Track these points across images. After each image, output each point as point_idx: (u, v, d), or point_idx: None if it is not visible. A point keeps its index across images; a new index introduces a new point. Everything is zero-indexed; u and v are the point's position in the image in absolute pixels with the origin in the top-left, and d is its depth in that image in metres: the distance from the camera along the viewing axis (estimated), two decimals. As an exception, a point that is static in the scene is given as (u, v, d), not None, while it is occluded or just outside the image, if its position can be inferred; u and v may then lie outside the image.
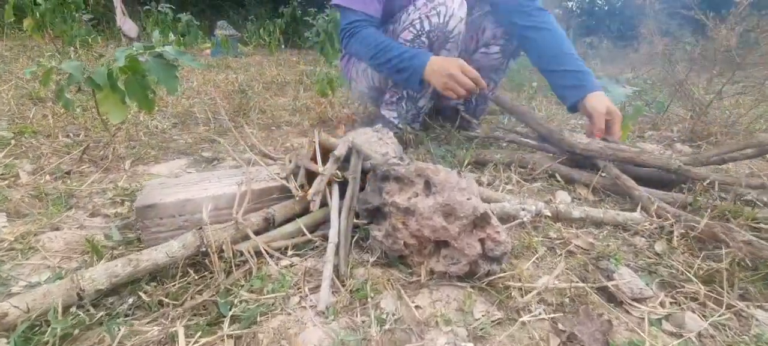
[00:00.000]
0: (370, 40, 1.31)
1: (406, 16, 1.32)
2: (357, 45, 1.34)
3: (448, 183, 0.67)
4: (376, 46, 1.29)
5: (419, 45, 1.30)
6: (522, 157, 1.27)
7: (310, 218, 0.81)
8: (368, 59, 1.33)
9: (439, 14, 1.26)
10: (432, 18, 1.27)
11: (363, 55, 1.36)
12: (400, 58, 1.26)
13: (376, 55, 1.30)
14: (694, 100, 1.99)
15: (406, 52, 1.27)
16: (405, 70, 1.27)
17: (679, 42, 3.73)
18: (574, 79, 1.27)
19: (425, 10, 1.28)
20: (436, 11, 1.26)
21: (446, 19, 1.27)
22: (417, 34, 1.29)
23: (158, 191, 0.78)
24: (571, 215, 0.94)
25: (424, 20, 1.27)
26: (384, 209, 0.72)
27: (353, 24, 1.34)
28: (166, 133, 1.70)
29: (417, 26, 1.29)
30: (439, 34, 1.29)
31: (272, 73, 3.26)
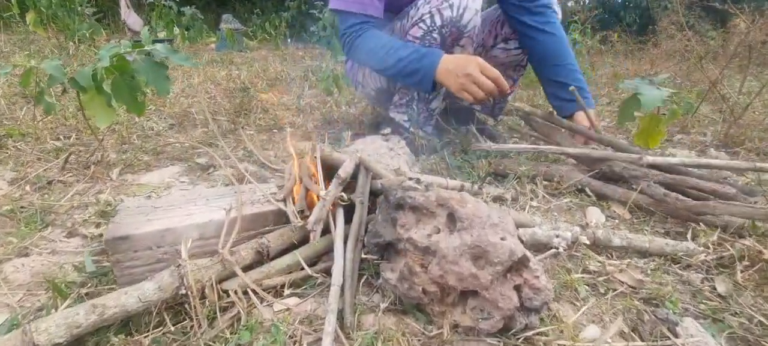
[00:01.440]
0: (373, 44, 1.18)
1: (415, 11, 1.19)
2: (359, 52, 1.21)
3: (478, 218, 0.55)
4: (381, 49, 1.17)
5: (430, 42, 1.17)
6: (547, 169, 1.14)
7: (310, 248, 0.69)
8: (374, 65, 1.22)
9: (451, 7, 1.13)
10: (444, 11, 1.13)
11: (368, 62, 1.24)
12: (408, 60, 1.14)
13: (382, 60, 1.17)
14: (726, 101, 1.84)
15: (415, 53, 1.14)
16: (415, 74, 1.14)
17: (703, 37, 3.55)
18: (569, 93, 1.26)
19: (436, 2, 1.14)
20: (448, 4, 1.13)
21: (460, 13, 1.13)
22: (427, 30, 1.16)
23: (133, 219, 0.67)
24: (611, 242, 0.82)
25: (436, 14, 1.14)
26: (398, 246, 0.60)
27: (353, 28, 1.21)
28: (162, 136, 1.59)
29: (427, 21, 1.15)
30: (452, 29, 1.16)
31: (277, 69, 3.14)
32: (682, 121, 1.98)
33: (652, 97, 1.25)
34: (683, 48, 3.21)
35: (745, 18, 2.10)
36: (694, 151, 1.61)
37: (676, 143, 1.73)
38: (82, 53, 3.16)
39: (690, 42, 3.04)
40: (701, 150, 1.62)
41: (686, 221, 0.95)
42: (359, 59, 1.26)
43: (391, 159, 0.95)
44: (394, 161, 0.95)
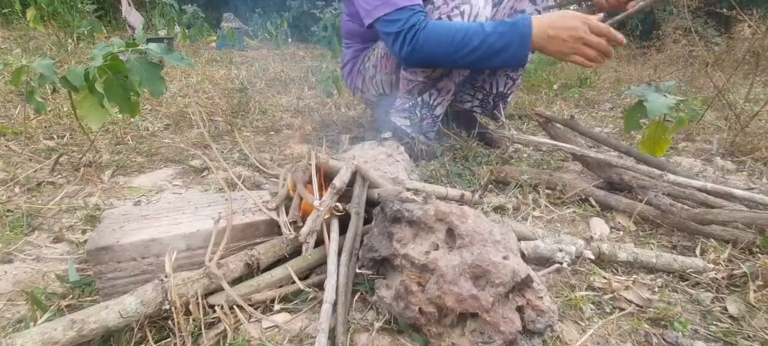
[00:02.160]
0: (442, 33, 1.01)
1: None
2: (427, 47, 1.03)
3: (479, 234, 0.52)
4: (456, 35, 1.00)
5: None
6: (550, 177, 1.11)
7: (302, 260, 0.66)
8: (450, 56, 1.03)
9: (462, 14, 1.09)
10: (454, 18, 1.10)
11: (442, 56, 1.04)
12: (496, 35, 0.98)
13: (461, 45, 1.00)
14: (733, 109, 1.81)
15: (500, 25, 0.98)
16: (505, 50, 0.98)
17: (707, 42, 3.51)
18: None
19: (446, 9, 1.10)
20: (458, 11, 1.09)
21: (471, 20, 1.10)
22: None
23: (118, 228, 0.64)
24: (616, 256, 0.78)
25: (446, 21, 1.10)
26: (394, 261, 0.57)
27: (407, 24, 1.03)
28: (157, 137, 1.56)
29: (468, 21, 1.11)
30: None
31: (276, 69, 3.11)
32: (687, 128, 1.95)
33: (659, 104, 1.22)
34: (687, 53, 3.17)
35: (752, 23, 2.07)
36: (700, 159, 1.58)
37: (681, 151, 1.70)
38: (81, 51, 3.13)
39: (695, 47, 3.01)
40: (707, 159, 1.58)
41: (693, 233, 0.92)
42: (429, 56, 1.05)
43: (390, 166, 0.92)
44: (392, 168, 0.92)
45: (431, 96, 1.26)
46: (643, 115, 1.24)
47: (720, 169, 1.48)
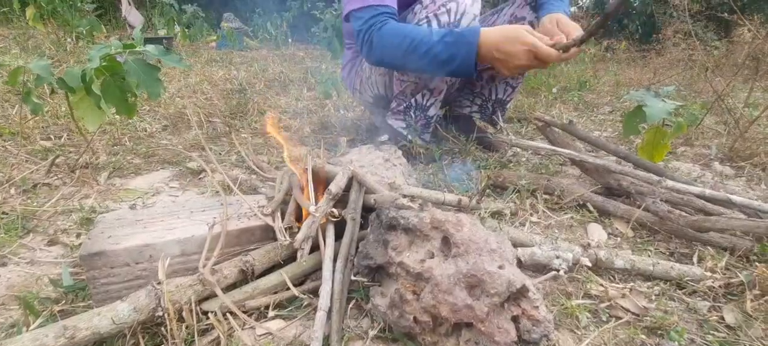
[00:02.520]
0: (395, 36, 1.03)
1: (412, 16, 1.15)
2: (379, 48, 1.06)
3: (474, 243, 0.51)
4: (405, 41, 1.02)
5: None
6: (548, 182, 1.11)
7: (297, 266, 0.66)
8: (399, 61, 1.07)
9: (448, 12, 1.09)
10: (441, 17, 1.09)
11: (391, 58, 1.08)
12: (442, 45, 1.00)
13: (408, 52, 1.02)
14: (732, 114, 1.80)
15: (448, 36, 1.00)
16: (451, 61, 1.01)
17: (707, 46, 3.51)
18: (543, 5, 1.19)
19: (433, 7, 1.10)
20: (445, 9, 1.08)
21: (458, 17, 1.09)
22: None
23: (111, 233, 0.64)
24: (613, 264, 0.78)
25: (433, 19, 1.10)
26: (389, 269, 0.57)
27: (369, 22, 1.06)
28: (154, 138, 1.56)
29: (424, 26, 1.12)
30: None
31: (276, 70, 3.11)
32: (686, 133, 1.94)
33: (658, 109, 1.22)
34: (687, 57, 3.17)
35: (752, 27, 2.07)
36: (699, 164, 1.58)
37: (679, 156, 1.69)
38: (80, 50, 3.12)
39: (695, 52, 3.01)
40: (705, 164, 1.58)
41: (691, 240, 0.91)
42: (380, 57, 1.09)
43: (387, 170, 0.91)
44: (389, 173, 0.91)
45: (424, 97, 1.26)
46: (642, 120, 1.24)
47: (718, 174, 1.47)
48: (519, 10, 1.27)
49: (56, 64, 2.68)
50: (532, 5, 1.25)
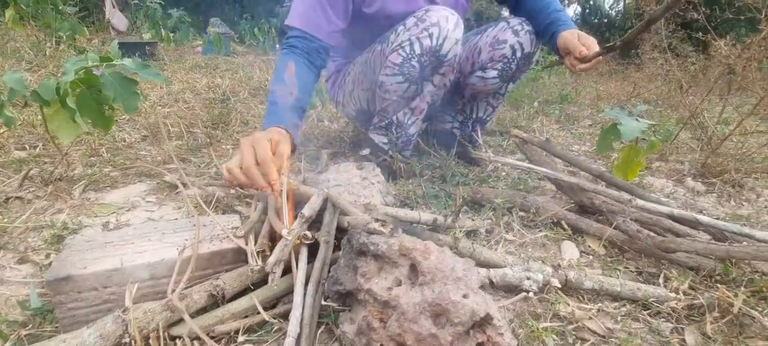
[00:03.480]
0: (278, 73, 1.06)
1: (395, 37, 1.17)
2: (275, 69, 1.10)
3: (440, 271, 0.52)
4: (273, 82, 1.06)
5: (409, 69, 1.15)
6: (524, 199, 1.13)
7: (268, 290, 0.66)
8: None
9: (431, 36, 1.11)
10: (423, 40, 1.11)
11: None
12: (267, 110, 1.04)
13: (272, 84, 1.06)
14: (705, 130, 1.86)
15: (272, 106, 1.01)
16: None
17: (685, 60, 3.62)
18: (550, 25, 1.24)
19: (416, 30, 1.12)
20: (427, 33, 1.11)
21: (440, 42, 1.12)
22: (407, 58, 1.14)
23: (80, 256, 0.63)
24: (582, 284, 0.80)
25: (415, 43, 1.12)
26: (358, 295, 0.57)
27: (287, 41, 1.12)
28: (133, 149, 1.54)
29: (407, 49, 1.13)
30: (432, 58, 1.14)
31: (262, 78, 3.10)
32: (661, 148, 2.00)
33: (631, 128, 1.25)
34: (664, 72, 3.26)
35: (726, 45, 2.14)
36: (672, 180, 1.62)
37: (654, 171, 1.74)
38: (60, 54, 3.07)
39: (671, 68, 3.10)
40: (678, 179, 1.63)
41: (659, 259, 0.94)
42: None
43: (364, 189, 0.92)
44: (366, 191, 0.92)
45: (405, 115, 1.27)
46: (616, 137, 1.27)
47: (691, 190, 1.52)
48: (501, 33, 1.29)
49: (35, 69, 2.63)
50: (518, 30, 1.28)
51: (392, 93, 1.22)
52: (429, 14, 1.13)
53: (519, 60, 1.30)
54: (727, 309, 0.72)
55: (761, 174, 1.58)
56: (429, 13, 1.13)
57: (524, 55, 1.30)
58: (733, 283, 0.82)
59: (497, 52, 1.30)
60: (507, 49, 1.29)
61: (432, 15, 1.12)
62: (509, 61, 1.31)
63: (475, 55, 1.34)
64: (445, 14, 1.12)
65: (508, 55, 1.29)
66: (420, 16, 1.14)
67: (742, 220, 1.23)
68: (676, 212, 1.01)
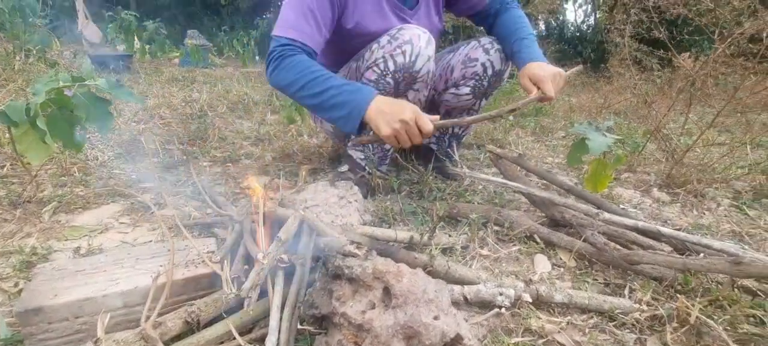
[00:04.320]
0: (302, 67, 1.05)
1: (369, 54, 1.20)
2: (284, 72, 1.07)
3: (412, 294, 0.54)
4: (309, 74, 1.04)
5: (384, 85, 1.18)
6: (498, 215, 1.16)
7: (244, 315, 0.66)
8: (296, 89, 1.06)
9: (404, 54, 1.14)
10: (397, 57, 1.15)
11: (290, 85, 1.07)
12: (339, 90, 1.01)
13: (308, 85, 1.04)
14: (669, 142, 1.95)
15: (348, 85, 1.03)
16: (342, 106, 1.01)
17: (651, 73, 3.79)
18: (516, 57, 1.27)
19: (389, 48, 1.15)
20: (401, 50, 1.14)
21: (413, 59, 1.15)
22: (381, 74, 1.17)
23: (50, 285, 0.62)
24: (553, 298, 0.83)
25: (389, 59, 1.15)
26: (333, 319, 0.58)
27: (284, 48, 1.08)
28: (106, 167, 1.51)
29: (381, 66, 1.17)
30: (405, 74, 1.17)
31: (240, 92, 3.08)
32: (629, 159, 2.09)
33: (599, 143, 1.30)
34: (632, 85, 3.41)
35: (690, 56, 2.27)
36: (639, 191, 1.69)
37: (623, 182, 1.81)
38: (30, 67, 2.98)
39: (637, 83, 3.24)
40: (645, 190, 1.70)
41: (625, 270, 0.98)
42: (283, 79, 1.09)
43: (341, 209, 0.93)
44: (344, 210, 0.93)
45: None
46: (585, 152, 1.33)
47: (657, 200, 1.59)
48: (472, 52, 1.34)
49: (3, 83, 2.55)
50: (488, 48, 1.32)
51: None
52: (402, 33, 1.16)
53: (490, 77, 1.35)
54: (685, 319, 0.76)
55: (720, 184, 1.66)
56: (402, 32, 1.16)
57: (495, 72, 1.34)
58: (692, 292, 0.87)
59: (469, 69, 1.34)
60: (478, 67, 1.33)
61: (405, 33, 1.16)
62: (481, 79, 1.35)
63: (448, 72, 1.38)
64: (417, 32, 1.16)
65: (480, 73, 1.34)
66: (393, 35, 1.17)
67: (703, 229, 1.29)
68: (640, 224, 1.06)
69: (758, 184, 1.63)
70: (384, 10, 1.23)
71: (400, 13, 1.27)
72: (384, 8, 1.23)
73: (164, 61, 4.91)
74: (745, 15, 1.71)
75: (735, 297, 0.82)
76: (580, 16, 6.43)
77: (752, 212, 1.42)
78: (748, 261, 0.75)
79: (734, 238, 1.24)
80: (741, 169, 1.84)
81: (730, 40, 1.61)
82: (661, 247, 1.01)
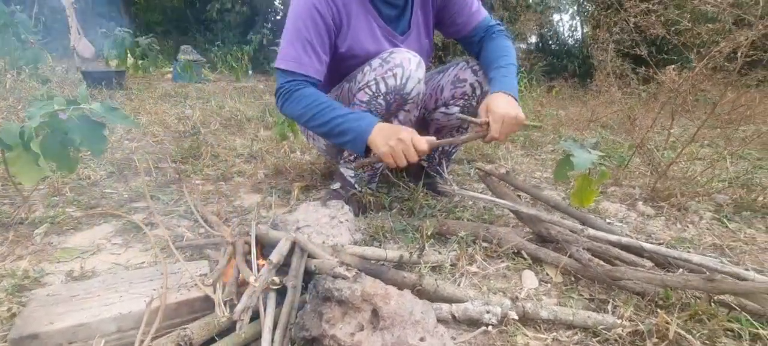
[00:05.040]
0: (309, 99, 1.16)
1: (361, 76, 1.24)
2: (293, 104, 1.19)
3: (399, 316, 0.56)
4: (319, 105, 1.15)
5: (376, 106, 1.22)
6: (486, 231, 1.19)
7: (236, 337, 0.67)
8: (306, 120, 1.18)
9: (395, 76, 1.18)
10: (388, 80, 1.19)
11: (300, 116, 1.20)
12: (345, 118, 1.13)
13: (316, 115, 1.15)
14: (653, 156, 2.01)
15: (353, 114, 1.14)
16: (348, 132, 1.13)
17: (637, 87, 3.88)
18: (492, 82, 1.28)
19: (381, 71, 1.19)
20: (392, 73, 1.18)
21: (403, 82, 1.19)
22: (373, 96, 1.21)
23: (44, 311, 0.63)
24: (538, 315, 0.85)
25: (380, 82, 1.19)
26: (323, 341, 0.60)
27: (290, 83, 1.19)
28: (98, 187, 1.51)
29: (373, 88, 1.20)
30: (397, 96, 1.21)
31: (233, 107, 3.10)
32: (615, 173, 2.13)
33: (583, 160, 1.34)
34: (618, 99, 3.49)
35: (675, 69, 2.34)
36: (625, 204, 1.73)
37: (609, 196, 1.85)
38: (21, 85, 2.98)
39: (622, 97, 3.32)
40: (631, 204, 1.74)
41: (609, 285, 1.01)
42: (293, 111, 1.21)
43: (332, 229, 0.95)
44: (335, 230, 0.95)
45: None
46: (570, 168, 1.37)
47: (641, 214, 1.62)
48: (461, 72, 1.38)
49: (-7, 102, 2.54)
50: (476, 69, 1.36)
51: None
52: (393, 56, 1.20)
53: (479, 97, 1.39)
54: (665, 334, 0.78)
55: (702, 197, 1.71)
56: (393, 55, 1.20)
57: (483, 92, 1.38)
58: (672, 307, 0.90)
59: (458, 89, 1.38)
60: (467, 87, 1.37)
61: (396, 56, 1.20)
62: (470, 98, 1.39)
63: (438, 92, 1.42)
64: (407, 56, 1.20)
65: (469, 93, 1.38)
66: (384, 58, 1.21)
67: (685, 243, 1.33)
68: (624, 240, 1.09)
69: (739, 197, 1.68)
70: (377, 35, 1.27)
71: (392, 39, 1.31)
72: (376, 34, 1.27)
73: (157, 76, 4.93)
74: (721, 34, 1.78)
75: (713, 312, 0.85)
76: (567, 30, 6.58)
77: (733, 224, 1.47)
78: (720, 278, 0.78)
79: (715, 251, 1.28)
80: (721, 182, 1.89)
81: (707, 58, 1.67)
82: (643, 263, 1.04)
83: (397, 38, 1.32)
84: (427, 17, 1.38)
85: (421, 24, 1.38)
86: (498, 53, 1.32)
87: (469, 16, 1.37)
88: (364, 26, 1.26)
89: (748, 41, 1.45)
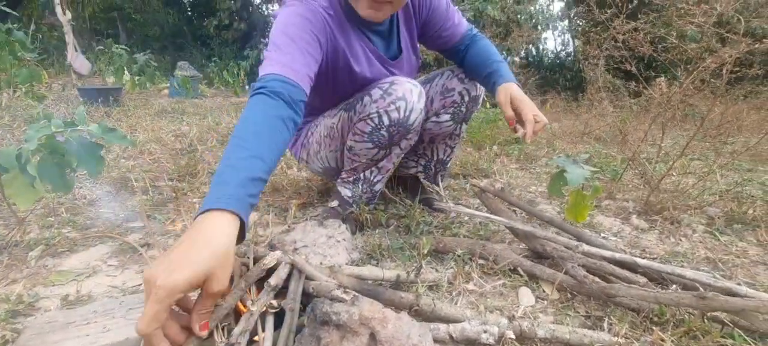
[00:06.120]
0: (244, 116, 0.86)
1: (362, 107, 1.24)
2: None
3: (397, 340, 0.57)
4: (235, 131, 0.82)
5: (379, 138, 1.23)
6: (483, 249, 1.20)
7: (235, 362, 0.68)
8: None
9: (398, 110, 1.19)
10: (391, 114, 1.20)
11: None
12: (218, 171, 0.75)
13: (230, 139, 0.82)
14: (646, 169, 2.03)
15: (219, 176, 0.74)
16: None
17: (626, 102, 3.94)
18: (490, 79, 1.34)
19: (383, 103, 1.20)
20: (395, 106, 1.19)
21: (407, 114, 1.21)
22: (375, 127, 1.22)
23: (40, 339, 0.63)
24: (535, 334, 0.86)
25: (384, 115, 1.20)
26: (321, 366, 0.60)
27: (258, 82, 0.95)
28: (93, 206, 1.51)
29: (375, 120, 1.21)
30: (400, 129, 1.23)
31: (230, 123, 3.11)
32: (609, 187, 2.16)
33: (577, 175, 1.36)
34: (611, 112, 3.54)
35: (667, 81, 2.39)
36: (619, 218, 1.75)
37: (604, 210, 1.87)
38: (16, 103, 2.98)
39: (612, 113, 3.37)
40: (625, 218, 1.76)
41: (604, 302, 1.02)
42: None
43: (330, 248, 0.96)
44: (332, 250, 0.96)
45: (372, 173, 1.34)
46: (564, 184, 1.38)
47: (635, 228, 1.64)
48: (448, 82, 1.41)
49: (-11, 120, 2.54)
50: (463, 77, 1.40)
51: (362, 156, 1.30)
52: (394, 88, 1.20)
53: (467, 103, 1.42)
54: (660, 352, 0.79)
55: (694, 210, 1.73)
56: (394, 87, 1.20)
57: (471, 98, 1.42)
58: (667, 324, 0.91)
59: (448, 99, 1.41)
60: (456, 96, 1.40)
61: (397, 89, 1.20)
62: (459, 106, 1.42)
63: (428, 103, 1.44)
64: (408, 87, 1.21)
65: (458, 101, 1.41)
66: (386, 90, 1.21)
67: (679, 257, 1.34)
68: (618, 256, 1.11)
69: (730, 209, 1.70)
70: (371, 59, 1.29)
71: (386, 65, 1.33)
72: (371, 58, 1.29)
73: (154, 92, 4.94)
74: (707, 51, 1.83)
75: (707, 328, 0.86)
76: (559, 45, 6.70)
77: (725, 237, 1.48)
78: (712, 296, 0.79)
79: (709, 265, 1.29)
80: (712, 195, 1.92)
81: (694, 74, 1.71)
82: (637, 279, 1.05)
83: (391, 64, 1.34)
84: (411, 35, 1.40)
85: (408, 45, 1.40)
86: (488, 51, 1.38)
87: (454, 28, 1.41)
88: (359, 52, 1.27)
89: (732, 59, 1.49)
